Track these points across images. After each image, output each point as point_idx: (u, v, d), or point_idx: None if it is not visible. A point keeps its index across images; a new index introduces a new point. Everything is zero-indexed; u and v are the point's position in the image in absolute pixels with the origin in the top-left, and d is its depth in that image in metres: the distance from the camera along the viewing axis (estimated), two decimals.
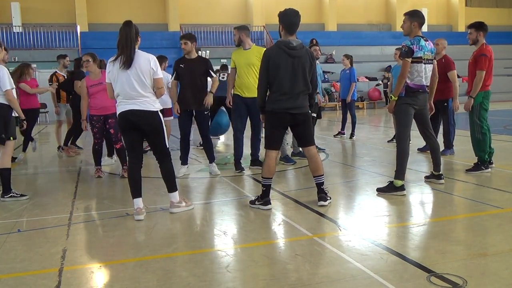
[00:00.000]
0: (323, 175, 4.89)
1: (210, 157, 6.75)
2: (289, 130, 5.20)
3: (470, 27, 6.26)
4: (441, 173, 5.66)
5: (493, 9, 29.60)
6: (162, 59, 8.21)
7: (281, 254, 3.65)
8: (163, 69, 8.08)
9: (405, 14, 5.32)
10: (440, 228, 4.15)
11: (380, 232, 4.04)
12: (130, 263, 3.48)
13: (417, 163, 6.89)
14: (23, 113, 5.76)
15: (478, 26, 6.16)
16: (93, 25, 22.33)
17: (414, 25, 5.19)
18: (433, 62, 5.44)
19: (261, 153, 6.78)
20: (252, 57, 6.54)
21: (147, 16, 23.14)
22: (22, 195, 5.58)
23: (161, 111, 4.70)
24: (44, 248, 3.87)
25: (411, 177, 5.94)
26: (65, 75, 9.56)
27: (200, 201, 5.28)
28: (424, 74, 5.20)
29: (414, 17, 5.21)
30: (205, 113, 6.55)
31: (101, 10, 22.97)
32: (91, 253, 3.75)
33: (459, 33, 25.45)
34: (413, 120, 5.34)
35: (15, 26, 20.78)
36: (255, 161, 6.97)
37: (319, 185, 4.89)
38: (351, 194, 5.59)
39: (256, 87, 6.37)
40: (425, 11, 21.92)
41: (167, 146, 4.76)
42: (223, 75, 9.74)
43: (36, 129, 15.94)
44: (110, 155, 7.99)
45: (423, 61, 5.16)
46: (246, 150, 7.07)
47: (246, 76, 6.61)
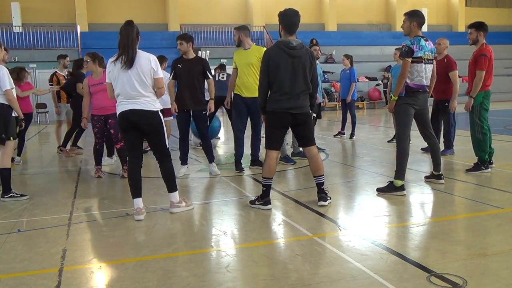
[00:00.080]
0: (323, 175, 4.90)
1: (209, 157, 6.75)
2: (289, 130, 5.20)
3: (470, 27, 6.27)
4: (441, 173, 5.66)
5: (493, 9, 29.61)
6: (162, 59, 8.21)
7: (281, 254, 3.65)
8: (163, 69, 8.09)
9: (405, 14, 5.32)
10: (440, 228, 4.15)
11: (380, 232, 4.04)
12: (130, 263, 3.48)
13: (417, 163, 6.89)
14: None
15: (478, 26, 6.17)
16: (93, 25, 22.34)
17: (413, 25, 5.19)
18: (433, 62, 5.44)
19: (261, 153, 6.80)
20: (251, 57, 6.53)
21: (147, 16, 23.15)
22: (22, 195, 5.58)
23: (161, 111, 4.69)
24: (44, 248, 3.87)
25: (411, 177, 5.94)
26: (65, 75, 9.56)
27: (200, 201, 5.28)
28: (424, 74, 5.20)
29: (413, 17, 5.21)
30: (203, 113, 6.55)
31: (101, 10, 22.99)
32: (91, 253, 3.75)
33: (459, 33, 25.46)
34: (413, 120, 5.35)
35: (15, 26, 20.80)
36: (255, 161, 6.97)
37: (320, 185, 4.89)
38: (351, 194, 5.59)
39: (255, 87, 6.41)
40: (425, 11, 21.91)
41: (167, 146, 4.76)
42: (222, 75, 9.74)
43: (36, 129, 15.96)
44: (110, 155, 7.99)
45: (423, 61, 5.16)
46: (246, 150, 7.07)
47: (245, 76, 6.60)
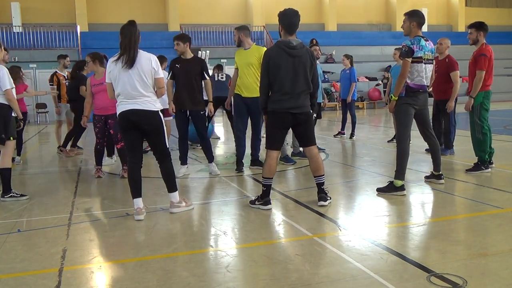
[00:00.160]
0: (323, 175, 4.89)
1: (209, 157, 6.75)
2: (289, 130, 5.20)
3: (470, 27, 6.27)
4: (441, 173, 5.66)
5: (493, 9, 29.61)
6: (162, 59, 8.21)
7: (281, 254, 3.64)
8: (163, 69, 8.08)
9: (405, 14, 5.32)
10: (440, 228, 4.15)
11: (380, 232, 4.04)
12: (130, 263, 3.48)
13: (417, 163, 6.89)
14: None
15: (478, 26, 6.17)
16: (93, 25, 22.34)
17: (413, 25, 5.19)
18: (433, 62, 5.44)
19: (261, 153, 6.80)
20: (251, 57, 6.52)
21: (147, 16, 23.14)
22: (22, 195, 5.58)
23: (162, 111, 4.69)
24: (44, 248, 3.87)
25: (411, 177, 5.94)
26: (66, 75, 9.57)
27: (200, 201, 5.28)
28: (424, 74, 5.19)
29: (413, 17, 5.21)
30: (201, 113, 6.54)
31: (101, 10, 22.99)
32: (91, 253, 3.75)
33: (459, 33, 25.46)
34: (413, 120, 5.35)
35: (15, 26, 20.79)
36: (255, 161, 6.97)
37: (320, 185, 4.89)
38: (351, 194, 5.59)
39: (255, 87, 6.41)
40: (425, 11, 21.89)
41: (167, 146, 4.76)
42: (221, 76, 9.75)
43: (36, 129, 15.96)
44: (110, 155, 7.99)
45: (424, 61, 5.16)
46: (247, 149, 7.06)
47: (245, 76, 6.59)
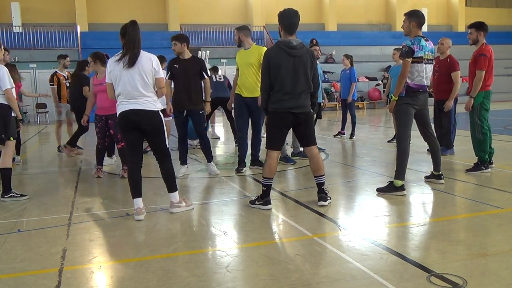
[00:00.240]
0: (324, 175, 4.89)
1: (208, 157, 6.74)
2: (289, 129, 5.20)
3: (470, 27, 6.27)
4: (441, 173, 5.66)
5: (493, 9, 29.61)
6: (161, 60, 8.20)
7: (281, 254, 3.64)
8: (162, 69, 8.08)
9: (405, 14, 5.33)
10: (440, 228, 4.15)
11: (380, 232, 4.04)
12: (130, 263, 3.48)
13: (417, 163, 6.89)
14: None
15: (478, 26, 6.16)
16: (93, 25, 22.34)
17: (412, 25, 5.19)
18: (433, 62, 5.44)
19: (261, 153, 6.79)
20: (251, 57, 6.51)
21: (147, 16, 23.13)
22: (22, 195, 5.58)
23: (162, 111, 4.70)
24: (44, 248, 3.87)
25: (411, 177, 5.94)
26: (66, 75, 9.58)
27: (200, 201, 5.28)
28: (424, 74, 5.19)
29: (412, 17, 5.21)
30: (200, 112, 6.53)
31: (101, 10, 22.98)
32: (91, 253, 3.74)
33: (459, 33, 25.45)
34: (414, 120, 5.35)
35: (15, 26, 20.79)
36: (255, 161, 6.96)
37: (320, 185, 4.89)
38: (351, 194, 5.59)
39: (255, 87, 6.42)
40: (425, 11, 21.88)
41: (167, 146, 4.76)
42: (219, 77, 9.79)
43: (36, 129, 15.96)
44: (109, 155, 7.99)
45: (424, 61, 5.16)
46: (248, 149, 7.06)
47: (246, 76, 6.59)
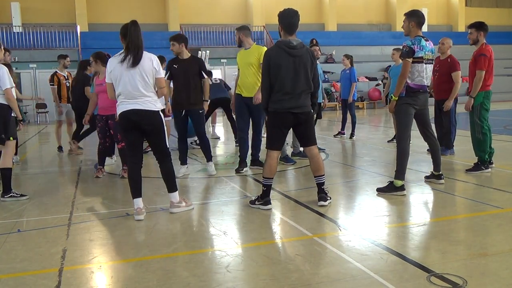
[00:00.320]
0: (324, 175, 4.89)
1: (207, 156, 6.74)
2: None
3: (470, 27, 6.26)
4: (441, 173, 5.66)
5: (493, 9, 29.60)
6: (160, 60, 8.19)
7: (281, 254, 3.65)
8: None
9: (405, 14, 5.33)
10: (440, 228, 4.15)
11: (380, 232, 4.04)
12: (130, 263, 3.48)
13: (417, 163, 6.89)
14: None
15: (478, 26, 6.16)
16: (93, 25, 22.34)
17: (412, 25, 5.19)
18: (433, 62, 5.44)
19: (261, 153, 6.79)
20: (251, 57, 6.51)
21: (147, 16, 23.12)
22: (22, 195, 5.58)
23: (162, 111, 4.70)
24: (44, 248, 3.87)
25: (411, 177, 5.94)
26: (66, 75, 9.59)
27: (200, 201, 5.28)
28: (425, 74, 5.19)
29: (412, 17, 5.21)
30: (200, 112, 6.52)
31: (101, 10, 22.98)
32: (91, 253, 3.75)
33: (459, 33, 25.44)
34: (414, 120, 5.35)
35: (15, 26, 20.79)
36: (255, 161, 6.96)
37: (320, 185, 4.88)
38: (351, 194, 5.59)
39: (256, 87, 6.42)
40: (425, 11, 21.88)
41: (168, 146, 4.76)
42: (215, 80, 9.85)
43: (36, 129, 15.96)
44: (109, 155, 7.99)
45: (424, 61, 5.16)
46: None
47: (245, 76, 6.59)
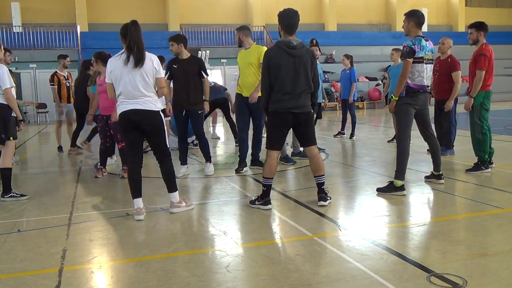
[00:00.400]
0: (324, 175, 4.89)
1: (206, 157, 6.74)
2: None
3: (470, 27, 6.26)
4: (441, 173, 5.66)
5: (493, 9, 29.59)
6: (160, 60, 8.20)
7: (281, 254, 3.65)
8: None
9: (404, 14, 5.33)
10: (440, 228, 4.15)
11: (380, 232, 4.04)
12: (130, 263, 3.48)
13: (417, 163, 6.89)
14: None
15: (478, 26, 6.16)
16: (93, 25, 22.33)
17: (411, 24, 5.20)
18: (433, 62, 5.44)
19: (262, 153, 6.79)
20: (251, 56, 6.52)
21: (147, 16, 23.11)
22: (22, 195, 5.58)
23: (162, 111, 4.70)
24: (44, 248, 3.87)
25: (411, 177, 5.94)
26: (66, 75, 9.59)
27: (200, 201, 5.28)
28: (425, 74, 5.20)
29: (411, 17, 5.21)
30: (199, 112, 6.51)
31: (101, 10, 22.97)
32: (91, 253, 3.75)
33: (459, 33, 25.43)
34: (414, 120, 5.35)
35: (15, 26, 20.78)
36: (255, 161, 6.96)
37: (320, 185, 4.89)
38: (351, 194, 5.59)
39: (255, 87, 6.42)
40: (425, 11, 21.88)
41: (168, 146, 4.76)
42: (210, 83, 9.84)
43: (36, 129, 15.95)
44: (109, 155, 7.99)
45: (424, 61, 5.16)
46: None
47: (246, 76, 6.59)
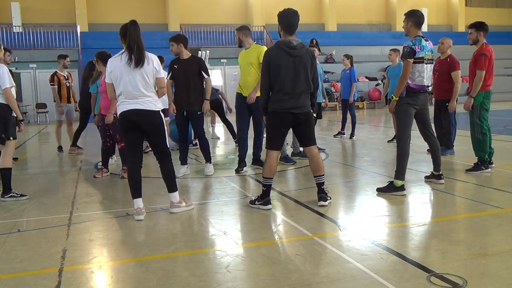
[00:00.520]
0: (323, 175, 4.89)
1: (206, 157, 6.73)
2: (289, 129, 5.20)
3: (470, 27, 6.27)
4: (441, 173, 5.66)
5: (493, 9, 29.59)
6: (159, 60, 8.21)
7: (281, 254, 3.65)
8: None
9: (404, 14, 5.34)
10: (440, 228, 4.15)
11: (380, 232, 4.04)
12: (130, 263, 3.49)
13: (417, 163, 6.89)
14: None
15: (478, 26, 6.17)
16: (93, 25, 22.33)
17: (410, 24, 5.20)
18: (433, 62, 5.44)
19: (262, 153, 6.80)
20: (251, 56, 6.51)
21: (147, 16, 23.11)
22: (22, 195, 5.58)
23: (162, 111, 4.70)
24: (44, 248, 3.87)
25: (411, 177, 5.94)
26: (66, 75, 9.60)
27: (200, 201, 5.28)
28: (425, 74, 5.20)
29: (411, 17, 5.22)
30: (199, 113, 6.50)
31: (101, 10, 22.97)
32: (91, 253, 3.75)
33: (459, 33, 25.44)
34: (414, 120, 5.35)
35: (15, 26, 20.78)
36: (256, 161, 6.97)
37: (320, 185, 4.89)
38: (351, 194, 5.59)
39: (255, 86, 6.42)
40: (425, 11, 21.90)
41: (168, 146, 4.76)
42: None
43: (36, 129, 15.95)
44: (110, 155, 7.99)
45: (424, 61, 5.16)
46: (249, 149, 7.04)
47: (246, 75, 6.59)
